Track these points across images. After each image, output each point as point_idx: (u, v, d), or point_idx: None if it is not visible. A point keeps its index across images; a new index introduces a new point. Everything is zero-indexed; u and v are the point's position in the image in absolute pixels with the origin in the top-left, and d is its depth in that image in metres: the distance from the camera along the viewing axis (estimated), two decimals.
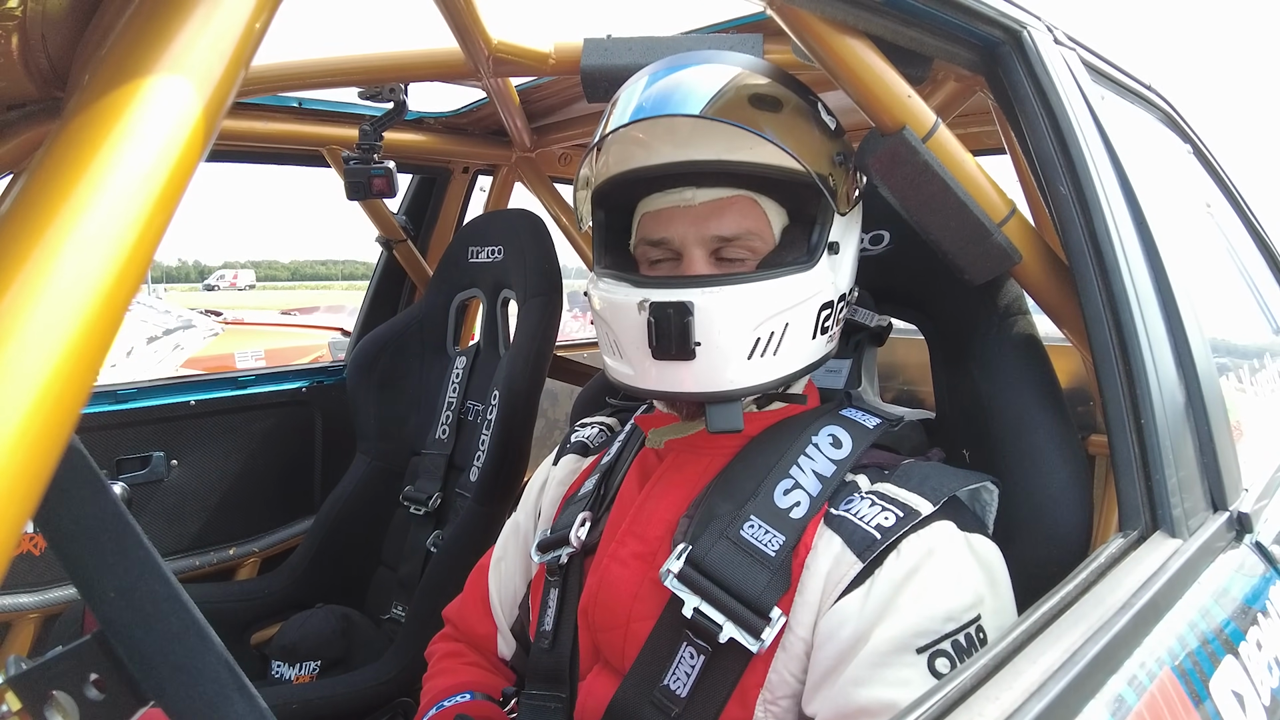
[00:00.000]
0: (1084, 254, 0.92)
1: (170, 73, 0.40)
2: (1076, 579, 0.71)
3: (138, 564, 0.52)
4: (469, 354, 2.15)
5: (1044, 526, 0.92)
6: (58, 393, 0.34)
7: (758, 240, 0.95)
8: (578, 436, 1.22)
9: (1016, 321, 1.06)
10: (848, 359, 1.15)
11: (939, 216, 0.98)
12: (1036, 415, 0.98)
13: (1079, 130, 0.97)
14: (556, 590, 1.04)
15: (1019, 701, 0.54)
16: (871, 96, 0.94)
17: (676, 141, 0.93)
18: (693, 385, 0.90)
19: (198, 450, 2.12)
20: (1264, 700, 0.78)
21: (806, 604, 0.85)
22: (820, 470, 0.93)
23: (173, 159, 0.40)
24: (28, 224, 0.35)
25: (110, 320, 0.36)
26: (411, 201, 2.45)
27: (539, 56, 1.44)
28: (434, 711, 1.09)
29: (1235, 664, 0.78)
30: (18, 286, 0.33)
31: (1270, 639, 0.87)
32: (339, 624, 1.89)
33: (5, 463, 0.31)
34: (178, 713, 0.52)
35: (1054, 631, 0.64)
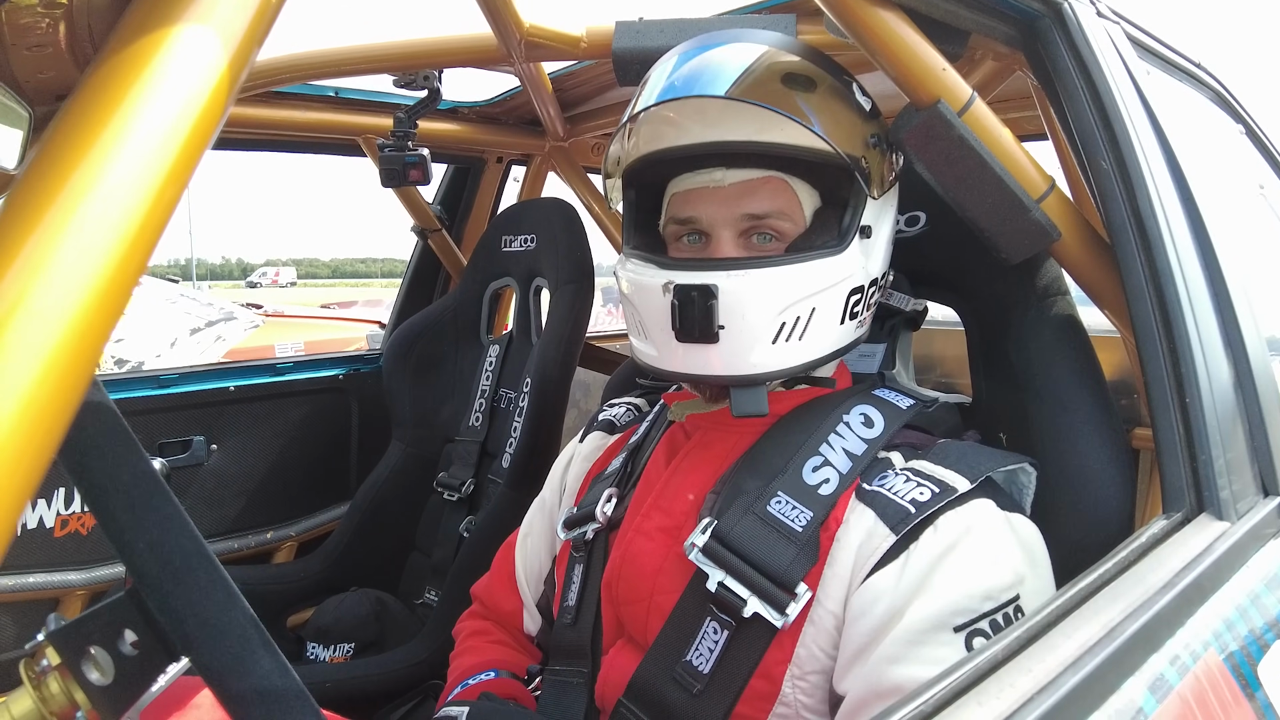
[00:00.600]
0: (1126, 229, 0.89)
1: (183, 43, 0.40)
2: (1116, 557, 0.69)
3: (166, 519, 0.53)
4: (502, 342, 2.16)
5: (1083, 508, 0.90)
6: (64, 365, 0.34)
7: (787, 222, 0.93)
8: (605, 415, 1.22)
9: (1055, 302, 1.04)
10: (882, 343, 1.14)
11: (975, 193, 0.96)
12: (1075, 395, 0.95)
13: (1122, 103, 0.94)
14: (581, 565, 1.04)
15: (1053, 674, 0.52)
16: (906, 70, 0.92)
17: (707, 121, 0.92)
18: (718, 369, 0.90)
19: (237, 435, 2.16)
20: None
21: (837, 577, 0.84)
22: (851, 448, 0.92)
23: (187, 128, 0.40)
24: (37, 196, 0.35)
25: (117, 296, 0.36)
26: (446, 191, 2.47)
27: (571, 40, 1.44)
28: (459, 689, 1.10)
29: None
30: (21, 262, 0.34)
31: None
32: (373, 607, 1.92)
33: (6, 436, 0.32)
34: (205, 666, 0.53)
35: (1091, 607, 0.62)
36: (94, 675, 0.62)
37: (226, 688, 0.53)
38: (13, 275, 0.33)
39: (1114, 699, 0.55)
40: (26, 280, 0.33)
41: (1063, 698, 0.51)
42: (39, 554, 1.84)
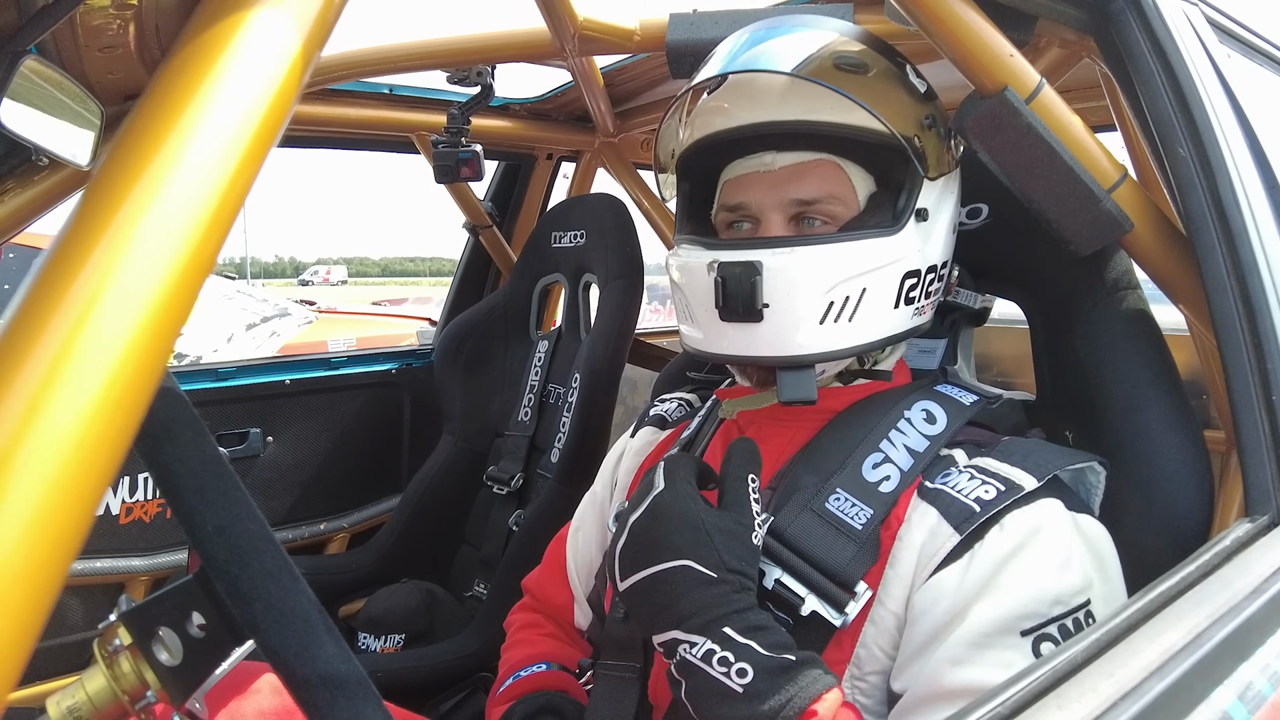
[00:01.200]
0: (1206, 219, 0.86)
1: (249, 45, 0.40)
2: (1197, 561, 0.66)
3: (233, 504, 0.54)
4: (551, 338, 2.17)
5: (1156, 510, 0.86)
6: (141, 352, 0.34)
7: (839, 205, 0.91)
8: (656, 410, 1.21)
9: (1126, 296, 1.00)
10: (942, 338, 1.11)
11: (1043, 182, 0.93)
12: (1148, 392, 0.91)
13: (1201, 88, 0.90)
14: None
15: (1137, 679, 0.50)
16: (970, 57, 0.89)
17: (756, 103, 0.91)
18: (763, 349, 0.88)
19: (292, 428, 2.21)
20: None
21: (899, 577, 0.82)
22: (912, 445, 0.90)
23: (254, 126, 0.40)
24: (111, 192, 0.36)
25: (189, 287, 0.36)
26: (497, 188, 2.49)
27: (624, 33, 1.44)
28: (510, 681, 1.10)
29: None
30: (99, 254, 0.34)
31: None
32: (423, 599, 1.94)
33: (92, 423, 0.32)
34: (270, 649, 0.54)
35: (1175, 611, 0.59)
36: (163, 656, 0.64)
37: (291, 671, 0.53)
38: (91, 266, 0.34)
39: (1203, 707, 0.53)
40: (106, 271, 0.34)
41: (1148, 704, 0.49)
42: (105, 539, 1.90)
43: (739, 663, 0.73)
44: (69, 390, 0.32)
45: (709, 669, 0.74)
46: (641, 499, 0.85)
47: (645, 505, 0.84)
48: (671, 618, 0.77)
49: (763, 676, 0.73)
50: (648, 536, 0.82)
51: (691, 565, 0.78)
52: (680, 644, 0.76)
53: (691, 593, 0.77)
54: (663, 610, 0.78)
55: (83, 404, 0.32)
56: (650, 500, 0.84)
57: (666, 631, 0.78)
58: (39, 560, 0.30)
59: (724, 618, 0.76)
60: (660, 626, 0.78)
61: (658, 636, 0.79)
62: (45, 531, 0.31)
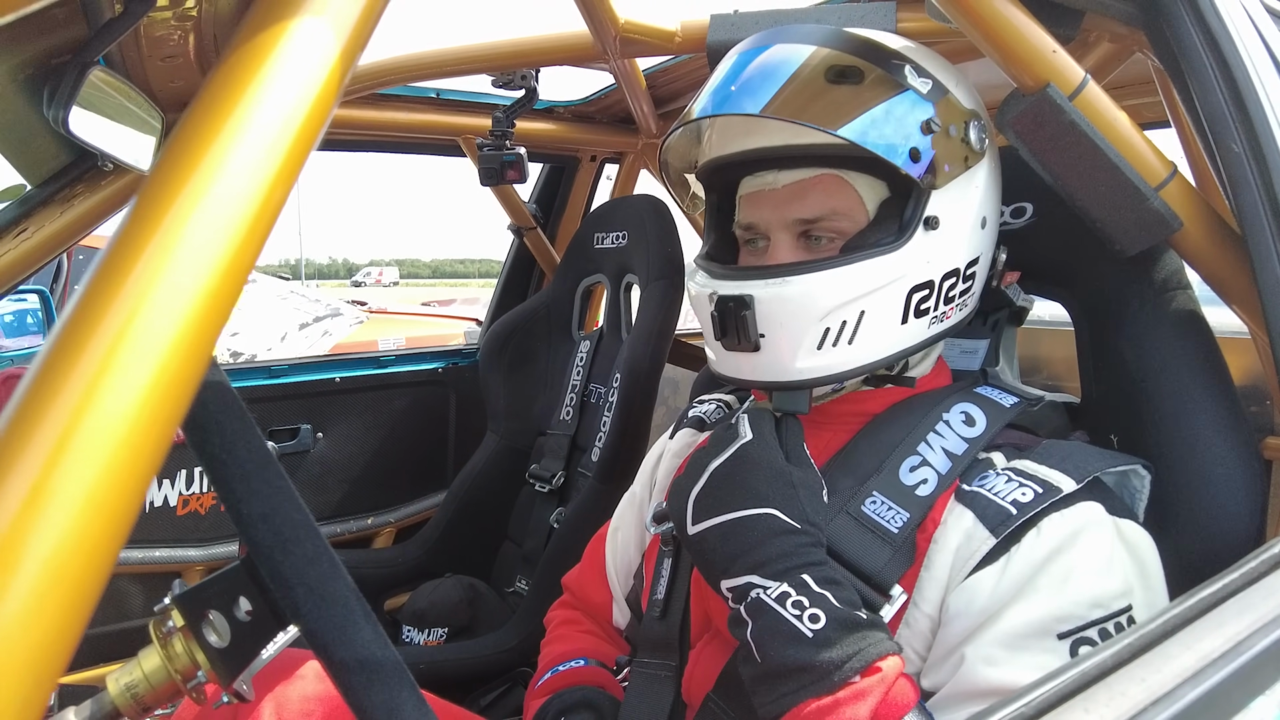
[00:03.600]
0: (1260, 216, 0.83)
1: (289, 51, 0.42)
2: (1244, 568, 0.64)
3: (277, 492, 0.57)
4: (593, 338, 2.19)
5: (1203, 516, 0.84)
6: (187, 344, 0.36)
7: (844, 220, 0.90)
8: (694, 412, 1.22)
9: (1175, 296, 0.97)
10: (984, 339, 1.09)
11: (1088, 180, 0.91)
12: (1197, 396, 0.89)
13: (1257, 81, 0.87)
14: (670, 560, 1.04)
15: (1169, 686, 0.49)
16: (1012, 54, 0.88)
17: (747, 129, 0.91)
18: (761, 374, 0.89)
19: (341, 424, 2.27)
20: None
21: (934, 580, 0.81)
22: (951, 448, 0.89)
23: (291, 133, 0.41)
24: (164, 191, 0.38)
25: (233, 282, 0.38)
26: (541, 190, 2.53)
27: (665, 35, 1.45)
28: (549, 675, 1.12)
29: None
30: (151, 251, 0.36)
31: None
32: (466, 594, 1.98)
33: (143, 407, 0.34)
34: (311, 633, 0.56)
35: (1214, 618, 0.57)
36: (213, 638, 0.67)
37: (330, 654, 0.55)
38: (144, 263, 0.36)
39: (1240, 717, 0.51)
40: (156, 267, 0.36)
41: (1180, 711, 0.48)
42: (164, 530, 1.98)
43: (813, 608, 0.75)
44: (122, 378, 0.34)
45: (782, 610, 0.75)
46: (722, 447, 0.87)
47: (730, 452, 0.86)
48: (750, 563, 0.79)
49: (834, 626, 0.74)
50: (732, 482, 0.84)
51: (776, 514, 0.80)
52: (754, 588, 0.78)
53: (774, 540, 0.79)
54: (742, 555, 0.80)
55: (133, 391, 0.34)
56: (737, 448, 0.86)
57: (742, 575, 0.79)
58: (96, 535, 0.32)
59: (803, 567, 0.77)
60: (735, 571, 0.80)
61: (730, 580, 0.80)
62: (100, 510, 0.33)
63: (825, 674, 0.72)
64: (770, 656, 0.75)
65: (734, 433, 0.88)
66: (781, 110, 0.85)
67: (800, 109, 0.85)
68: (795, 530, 0.79)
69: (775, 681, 0.75)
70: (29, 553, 0.31)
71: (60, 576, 0.32)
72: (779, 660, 0.74)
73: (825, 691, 0.72)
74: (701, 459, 0.88)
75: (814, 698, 0.72)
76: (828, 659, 0.72)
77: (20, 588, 0.30)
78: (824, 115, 0.84)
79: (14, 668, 0.30)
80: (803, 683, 0.73)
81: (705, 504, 0.84)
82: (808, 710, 0.72)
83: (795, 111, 0.85)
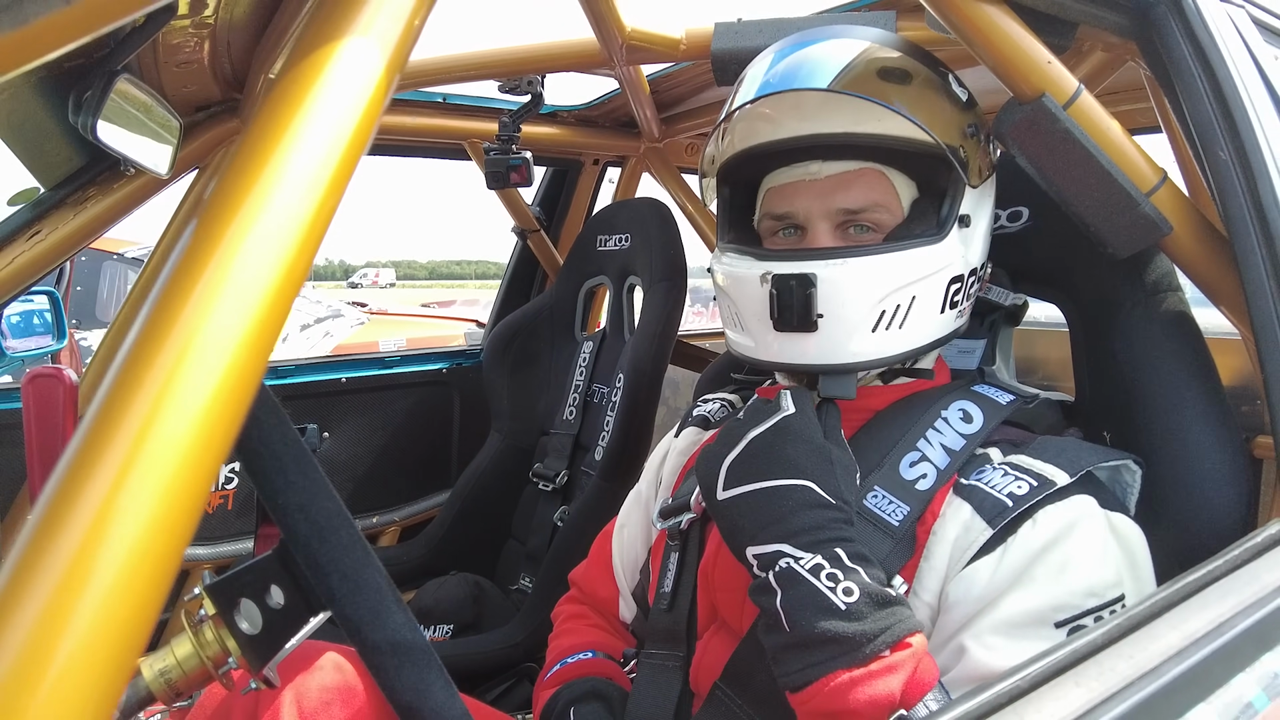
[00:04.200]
0: (1246, 221, 0.87)
1: (340, 69, 0.45)
2: (1229, 555, 0.67)
3: (313, 484, 0.60)
4: (595, 339, 2.22)
5: (1191, 510, 0.87)
6: (250, 349, 0.39)
7: (885, 213, 0.94)
8: (699, 410, 1.24)
9: (1166, 298, 1.00)
10: (981, 339, 1.13)
11: (1081, 186, 0.94)
12: (1186, 394, 0.92)
13: (1243, 90, 0.91)
14: (676, 554, 1.07)
15: (1155, 662, 0.52)
16: (1009, 64, 0.91)
17: (802, 115, 0.94)
18: (815, 357, 0.91)
19: (347, 424, 2.30)
20: None
21: (933, 570, 0.84)
22: (949, 444, 0.92)
23: (343, 146, 0.44)
24: (225, 211, 0.40)
25: (290, 288, 0.41)
26: (545, 193, 2.56)
27: (670, 43, 1.48)
28: (558, 667, 1.14)
29: None
30: (214, 267, 0.39)
31: None
32: (471, 591, 2.00)
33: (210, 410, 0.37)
34: (345, 617, 0.59)
35: (1199, 600, 0.61)
36: (244, 625, 0.70)
37: (364, 638, 0.58)
38: (209, 275, 0.39)
39: (1222, 692, 0.54)
40: (220, 279, 0.39)
41: (1165, 685, 0.51)
42: None
43: (846, 581, 0.76)
44: (193, 378, 0.37)
45: (816, 582, 0.76)
46: (761, 418, 0.88)
47: (771, 423, 0.87)
48: (781, 531, 0.80)
49: (866, 600, 0.75)
50: (771, 452, 0.85)
51: (813, 487, 0.81)
52: (785, 556, 0.78)
53: (809, 511, 0.80)
54: (774, 523, 0.80)
55: (204, 391, 0.37)
56: (779, 419, 0.87)
57: (772, 543, 0.80)
58: (171, 527, 0.35)
59: (836, 541, 0.78)
60: (765, 539, 0.80)
61: (758, 547, 0.81)
62: (175, 502, 0.35)
63: (857, 646, 0.73)
64: (801, 626, 0.76)
65: (775, 406, 0.89)
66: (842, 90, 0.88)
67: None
68: (830, 505, 0.81)
69: (805, 651, 0.76)
70: (115, 540, 0.34)
71: (141, 563, 0.34)
72: (810, 630, 0.75)
73: (857, 663, 0.73)
74: (738, 429, 0.89)
75: (845, 669, 0.73)
76: (861, 631, 0.73)
77: (106, 574, 0.33)
78: (887, 108, 0.88)
79: (101, 649, 0.33)
80: (833, 654, 0.74)
81: (740, 470, 0.85)
82: (838, 681, 0.73)
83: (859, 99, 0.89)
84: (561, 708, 1.06)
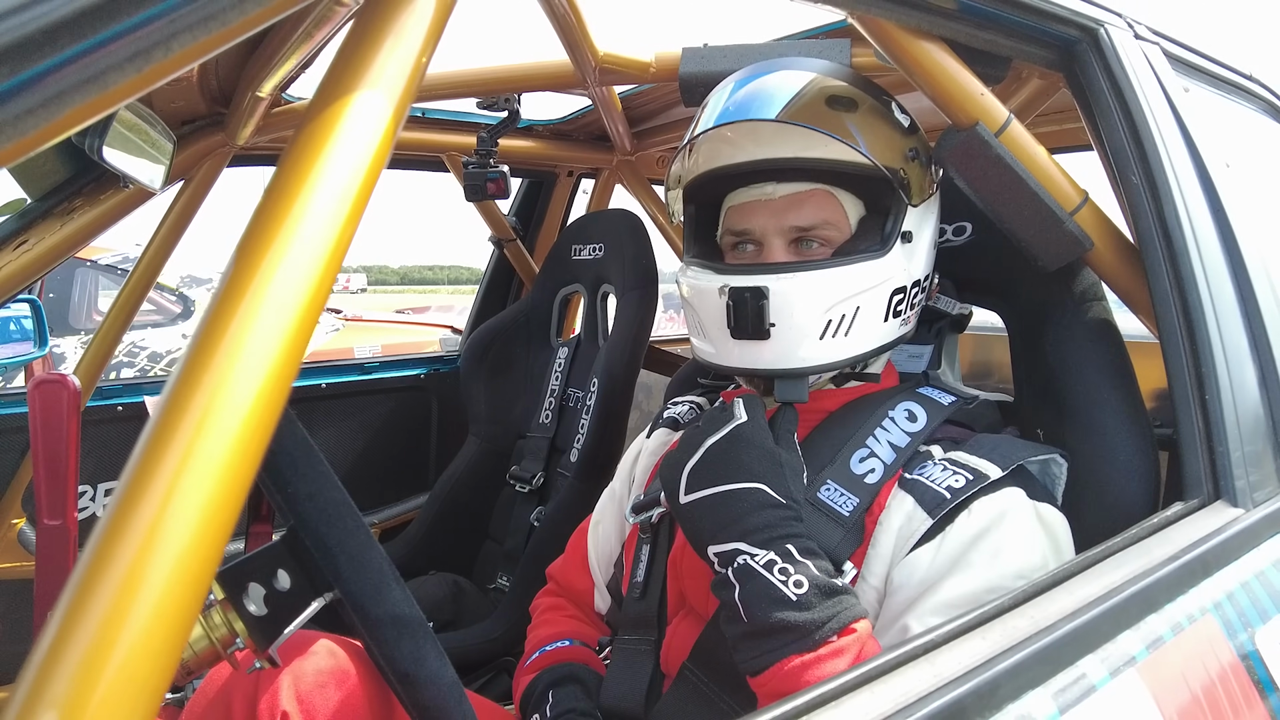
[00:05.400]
0: (1153, 239, 0.97)
1: (367, 105, 0.52)
2: (1128, 534, 0.77)
3: (320, 475, 0.67)
4: (571, 345, 2.29)
5: (1108, 498, 0.97)
6: (283, 365, 0.46)
7: (834, 230, 1.03)
8: (669, 413, 1.32)
9: (1091, 307, 1.10)
10: (929, 345, 1.22)
11: (1012, 206, 1.03)
12: (1105, 394, 1.02)
13: (1153, 121, 1.01)
14: (648, 546, 1.14)
15: (1050, 621, 0.61)
16: (946, 96, 1.00)
17: (759, 141, 1.02)
18: (769, 362, 0.99)
19: (327, 428, 2.35)
20: None
21: (879, 556, 0.93)
22: (895, 441, 1.01)
23: (363, 172, 0.52)
24: (259, 248, 0.47)
25: (317, 302, 0.48)
26: (521, 204, 2.62)
27: (641, 66, 1.56)
28: (537, 655, 1.21)
29: None
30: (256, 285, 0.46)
31: None
32: (450, 590, 2.06)
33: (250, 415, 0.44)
34: (350, 594, 0.66)
35: (1095, 571, 0.70)
36: (251, 608, 0.77)
37: (366, 612, 0.65)
38: (250, 296, 0.45)
39: (1108, 646, 0.64)
40: (259, 298, 0.45)
41: (1057, 639, 0.60)
42: None
43: (797, 575, 0.84)
44: (239, 388, 0.44)
45: (770, 576, 0.84)
46: (717, 426, 0.96)
47: (726, 431, 0.95)
48: (738, 531, 0.88)
49: (814, 591, 0.83)
50: (726, 458, 0.93)
51: (765, 489, 0.90)
52: (742, 554, 0.86)
53: (761, 511, 0.88)
54: (731, 523, 0.88)
55: (248, 397, 0.44)
56: (733, 427, 0.95)
57: (729, 542, 0.87)
58: (219, 522, 0.42)
59: (787, 537, 0.87)
60: (723, 538, 0.88)
61: (718, 546, 0.88)
62: (220, 506, 0.42)
63: (808, 633, 0.81)
64: (757, 616, 0.84)
65: (729, 414, 0.97)
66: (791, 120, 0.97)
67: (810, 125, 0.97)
68: (781, 505, 0.89)
69: (761, 639, 0.84)
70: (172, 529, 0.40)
71: (193, 558, 0.41)
72: (765, 620, 0.83)
73: (808, 648, 0.81)
74: (696, 436, 0.97)
75: (797, 654, 0.81)
76: (810, 620, 0.82)
77: (167, 559, 0.40)
78: (838, 135, 0.96)
79: (160, 634, 0.40)
80: (786, 640, 0.82)
81: (700, 476, 0.93)
82: (791, 665, 0.82)
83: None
84: (541, 691, 1.13)
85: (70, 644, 0.38)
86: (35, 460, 1.05)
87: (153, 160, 1.22)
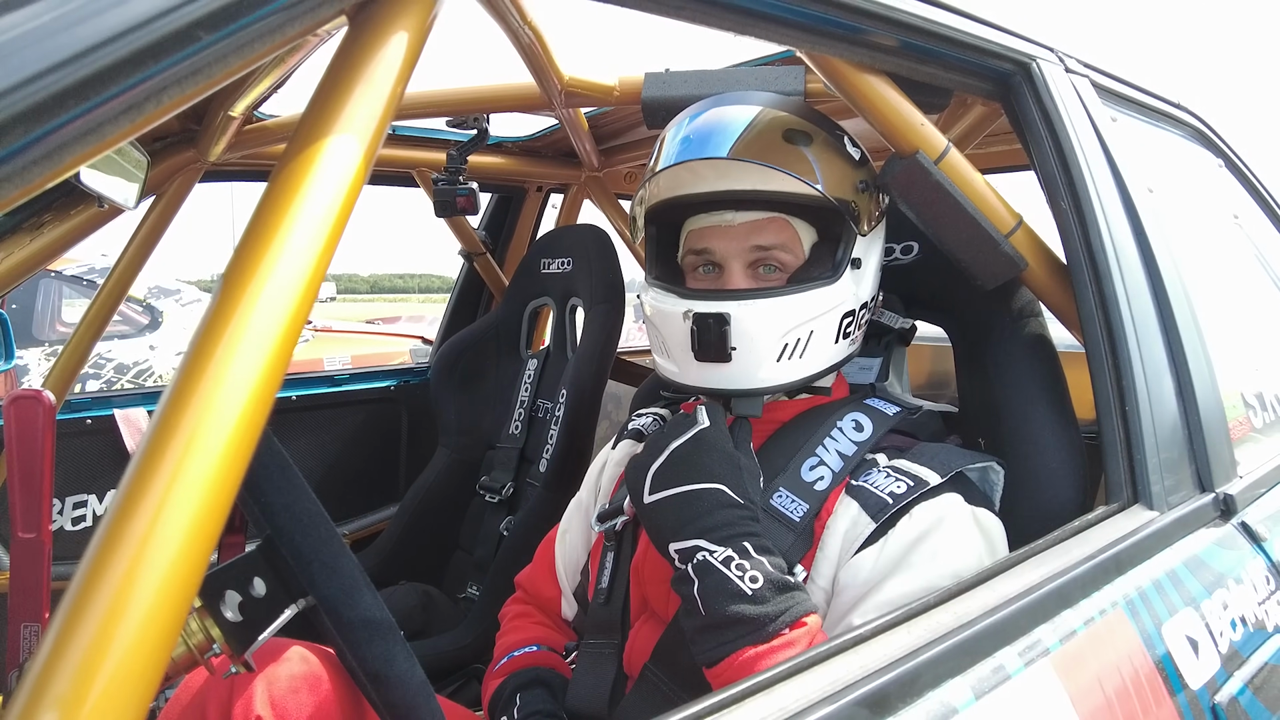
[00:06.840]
0: (1080, 260, 1.04)
1: (346, 132, 0.56)
2: (1051, 536, 0.83)
3: (295, 487, 0.71)
4: (540, 357, 2.32)
5: (1041, 502, 1.04)
6: (271, 367, 0.51)
7: (789, 254, 1.08)
8: (634, 424, 1.37)
9: (1028, 323, 1.18)
10: (878, 357, 1.28)
11: (951, 229, 1.10)
12: (1039, 406, 1.09)
13: (1080, 150, 1.09)
14: (612, 553, 1.19)
15: (972, 615, 0.67)
16: (889, 125, 1.06)
17: (719, 173, 1.08)
18: (729, 383, 1.05)
19: (298, 440, 2.36)
20: (1221, 650, 0.88)
21: (827, 559, 0.99)
22: (843, 450, 1.07)
23: (340, 200, 0.56)
24: (251, 263, 0.51)
25: (297, 325, 0.53)
26: (490, 218, 2.65)
27: (605, 89, 1.61)
28: (505, 660, 1.25)
29: (1194, 615, 0.88)
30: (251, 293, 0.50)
31: (1239, 602, 0.96)
32: (420, 599, 2.07)
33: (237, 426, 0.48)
34: (324, 599, 0.70)
35: (1015, 571, 0.76)
36: (228, 614, 0.80)
37: (339, 616, 0.69)
38: (236, 320, 0.49)
39: (1023, 639, 0.70)
40: (243, 321, 0.49)
41: (977, 632, 0.66)
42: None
43: (752, 570, 0.89)
44: (226, 404, 0.48)
45: (727, 571, 0.89)
46: (681, 430, 1.02)
47: (689, 435, 1.01)
48: (698, 529, 0.93)
49: (768, 586, 0.88)
50: (689, 460, 0.99)
51: (724, 490, 0.95)
52: (701, 550, 0.91)
53: (721, 510, 0.94)
54: (692, 521, 0.93)
55: (231, 418, 0.48)
56: (696, 432, 1.01)
57: (690, 539, 0.92)
58: (204, 533, 0.46)
59: (744, 535, 0.92)
60: (685, 535, 0.93)
61: (679, 544, 0.93)
62: (206, 519, 0.46)
63: (761, 626, 0.87)
64: (714, 610, 0.89)
65: (692, 420, 1.03)
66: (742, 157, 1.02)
67: (763, 160, 1.03)
68: (739, 505, 0.95)
69: (717, 631, 0.89)
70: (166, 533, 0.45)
71: (182, 565, 0.45)
72: (722, 613, 0.88)
73: (761, 641, 0.87)
74: (661, 440, 1.03)
75: (751, 645, 0.87)
76: (763, 613, 0.87)
77: (164, 556, 0.44)
78: (793, 169, 1.02)
79: (156, 629, 0.44)
80: (741, 633, 0.87)
81: (663, 477, 0.99)
82: (745, 656, 0.87)
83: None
84: (509, 694, 1.17)
85: (69, 647, 0.41)
86: (10, 474, 1.07)
87: (128, 179, 1.25)
